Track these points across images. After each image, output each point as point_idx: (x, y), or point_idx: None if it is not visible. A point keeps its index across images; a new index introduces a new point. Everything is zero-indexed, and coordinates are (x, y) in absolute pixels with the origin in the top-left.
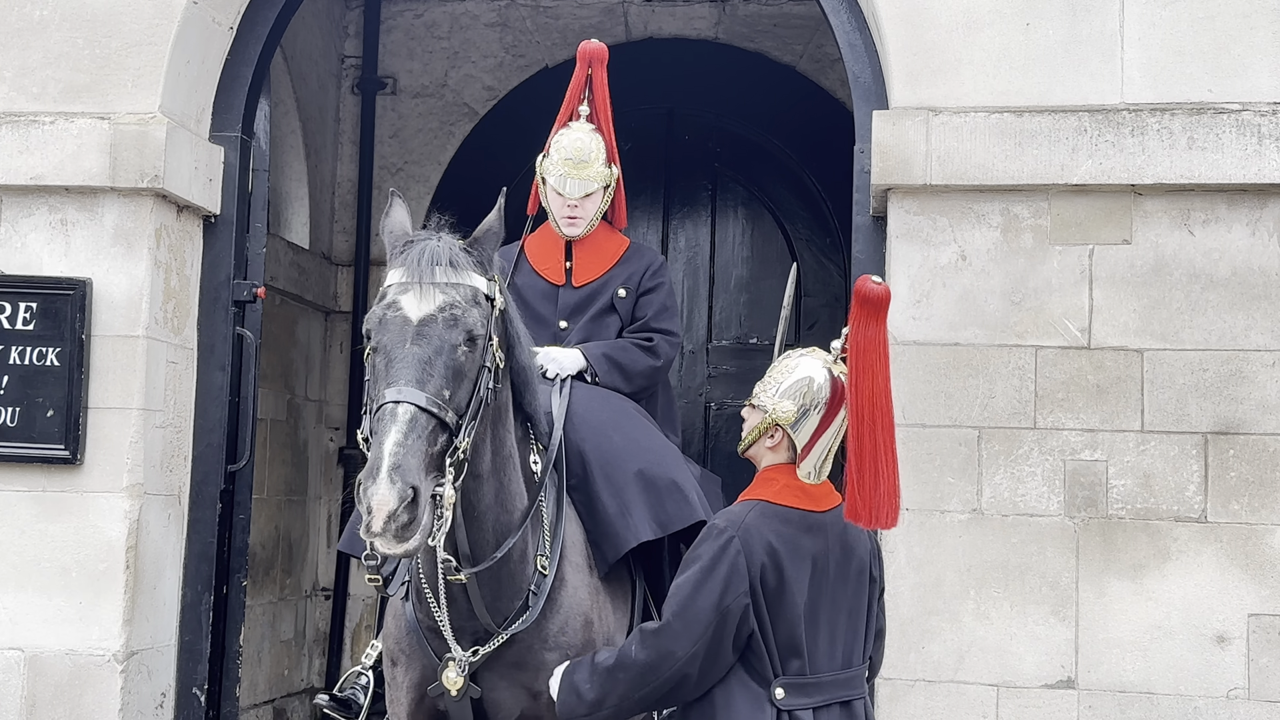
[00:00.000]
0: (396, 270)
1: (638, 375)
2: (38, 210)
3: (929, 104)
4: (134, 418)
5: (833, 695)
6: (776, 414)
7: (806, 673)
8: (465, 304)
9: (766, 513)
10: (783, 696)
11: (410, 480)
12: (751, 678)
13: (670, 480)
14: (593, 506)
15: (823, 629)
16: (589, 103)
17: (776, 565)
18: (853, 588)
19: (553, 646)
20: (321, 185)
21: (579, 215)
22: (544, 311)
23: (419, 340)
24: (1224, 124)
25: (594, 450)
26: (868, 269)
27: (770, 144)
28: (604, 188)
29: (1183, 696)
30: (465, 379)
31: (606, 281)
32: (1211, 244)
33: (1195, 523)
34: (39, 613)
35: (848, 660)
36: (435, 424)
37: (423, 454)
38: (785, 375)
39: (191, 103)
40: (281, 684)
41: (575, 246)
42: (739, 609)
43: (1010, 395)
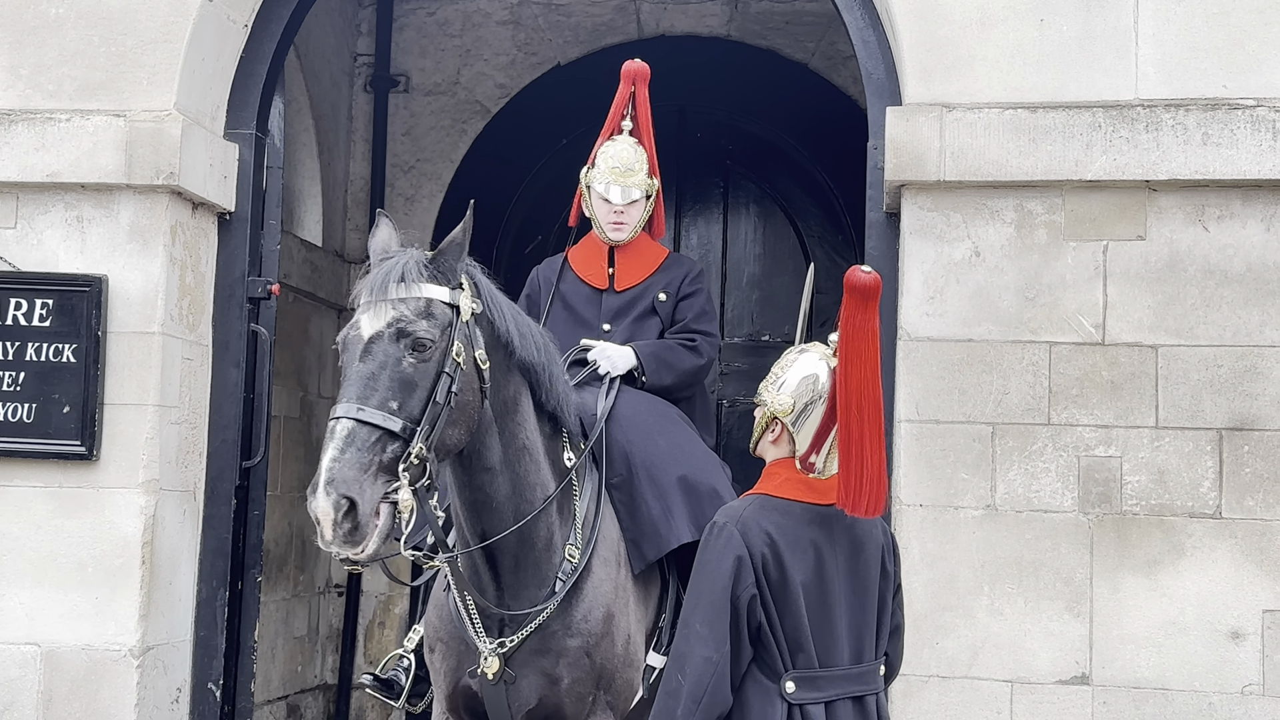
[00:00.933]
0: (362, 290)
1: (684, 373)
2: (54, 207)
3: (943, 100)
4: (150, 414)
5: (844, 690)
6: (774, 407)
7: (815, 666)
8: (414, 316)
9: (766, 505)
10: (793, 690)
11: (345, 491)
12: (762, 672)
13: (711, 487)
14: (634, 506)
15: (831, 622)
16: (632, 118)
17: (777, 556)
18: (863, 582)
19: (575, 634)
20: (334, 183)
21: (624, 221)
22: (588, 315)
23: (366, 357)
24: (1239, 120)
25: (640, 452)
26: (881, 266)
27: (782, 141)
28: (646, 197)
29: (1197, 693)
30: (416, 387)
31: (648, 287)
32: (1226, 240)
33: (1210, 519)
34: (55, 608)
35: (858, 655)
36: (379, 434)
37: (361, 465)
38: (784, 370)
39: (206, 100)
40: (295, 680)
41: (618, 253)
42: (748, 599)
43: (1024, 391)
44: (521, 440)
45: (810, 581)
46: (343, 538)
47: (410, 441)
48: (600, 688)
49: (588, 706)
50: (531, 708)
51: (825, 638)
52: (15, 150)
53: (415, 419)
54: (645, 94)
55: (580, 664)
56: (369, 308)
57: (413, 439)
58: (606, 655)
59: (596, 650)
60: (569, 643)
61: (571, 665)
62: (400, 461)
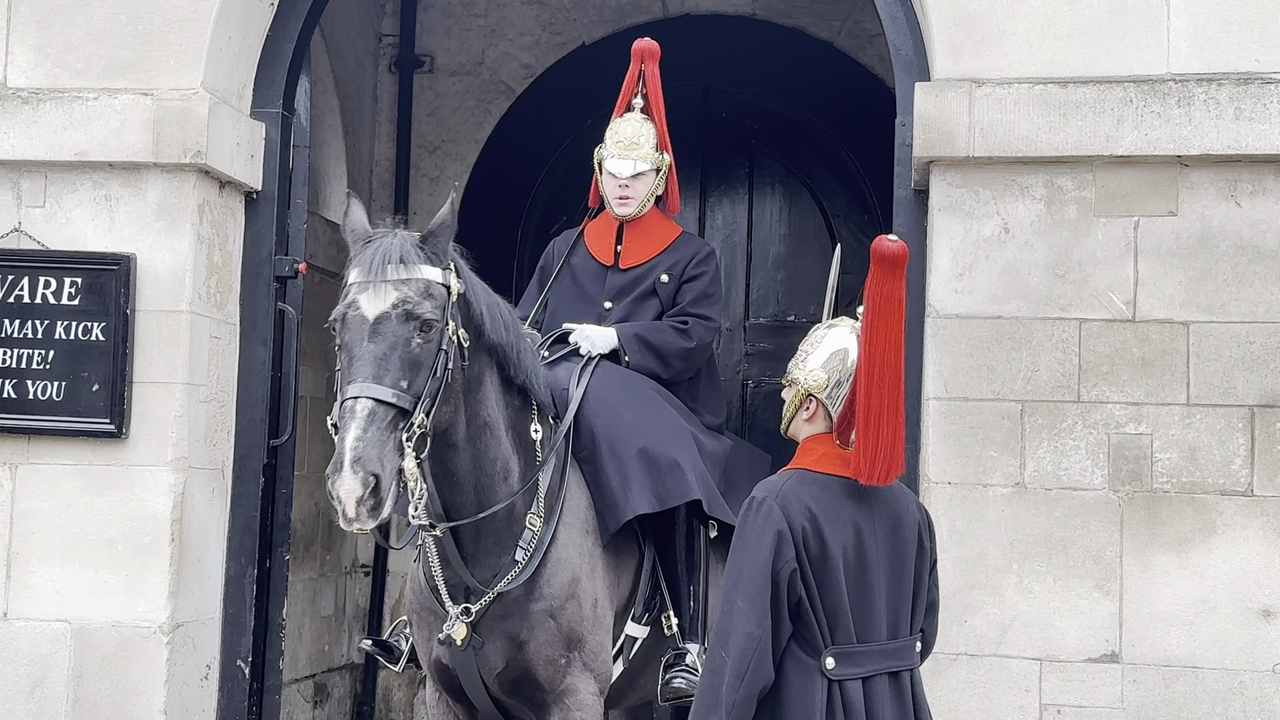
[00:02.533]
0: (355, 269)
1: (672, 356)
2: (82, 186)
3: (972, 75)
4: (178, 392)
5: (881, 665)
6: (809, 384)
7: (854, 641)
8: (418, 297)
9: (805, 480)
10: (833, 666)
11: (371, 469)
12: (802, 648)
13: (671, 459)
14: (598, 479)
15: (870, 597)
16: (643, 96)
17: (817, 530)
18: (901, 557)
19: (538, 597)
20: (359, 164)
21: (630, 195)
22: (592, 291)
23: (375, 337)
24: (1271, 94)
25: (603, 426)
26: (909, 243)
27: (808, 121)
28: (655, 170)
29: (1228, 671)
30: (422, 366)
31: (653, 266)
32: (1259, 215)
33: (1241, 496)
34: (85, 585)
35: (894, 630)
36: (394, 412)
37: (381, 442)
38: (814, 346)
39: (233, 79)
40: (322, 659)
41: (626, 230)
42: (788, 573)
43: (1054, 368)
44: (483, 417)
45: (850, 556)
46: (366, 513)
47: (412, 415)
48: (572, 649)
49: (561, 669)
50: (500, 670)
51: (864, 612)
52: (43, 129)
53: (419, 395)
54: (655, 71)
55: (545, 626)
56: (367, 288)
57: (415, 413)
58: (573, 618)
59: (562, 613)
60: (532, 606)
61: (536, 628)
62: (407, 435)
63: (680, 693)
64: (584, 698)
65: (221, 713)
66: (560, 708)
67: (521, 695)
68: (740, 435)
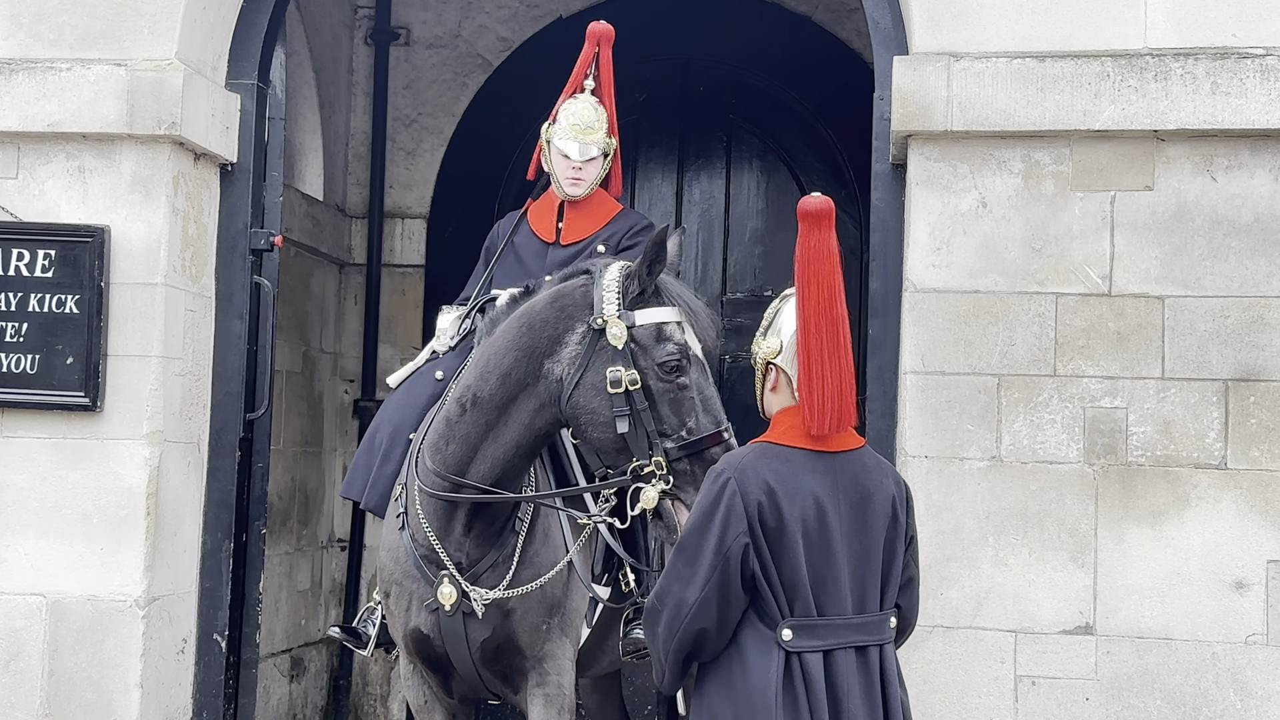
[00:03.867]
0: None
1: None
2: (55, 157)
3: (950, 49)
4: (153, 365)
5: (845, 639)
6: (764, 353)
7: (814, 613)
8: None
9: (766, 453)
10: (790, 638)
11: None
12: (760, 620)
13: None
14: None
15: (833, 570)
16: (595, 78)
17: (775, 504)
18: (869, 530)
19: (525, 564)
20: (335, 137)
21: (582, 177)
22: (534, 267)
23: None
24: (1248, 69)
25: None
26: (887, 217)
27: (786, 95)
28: (604, 155)
29: (1201, 642)
30: None
31: (590, 241)
32: (1234, 190)
33: (1215, 470)
34: (60, 559)
35: (861, 604)
36: None
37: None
38: (769, 319)
39: (208, 49)
40: (299, 634)
41: (568, 208)
42: (739, 549)
43: (1030, 343)
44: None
45: (811, 529)
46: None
47: None
48: (553, 615)
49: (542, 635)
50: (486, 637)
51: (826, 586)
52: (16, 100)
53: None
54: (609, 55)
55: (533, 594)
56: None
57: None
58: (556, 583)
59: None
60: (522, 573)
61: (524, 595)
62: None
63: (640, 644)
64: (561, 662)
65: (198, 686)
66: (538, 672)
67: (501, 662)
68: None
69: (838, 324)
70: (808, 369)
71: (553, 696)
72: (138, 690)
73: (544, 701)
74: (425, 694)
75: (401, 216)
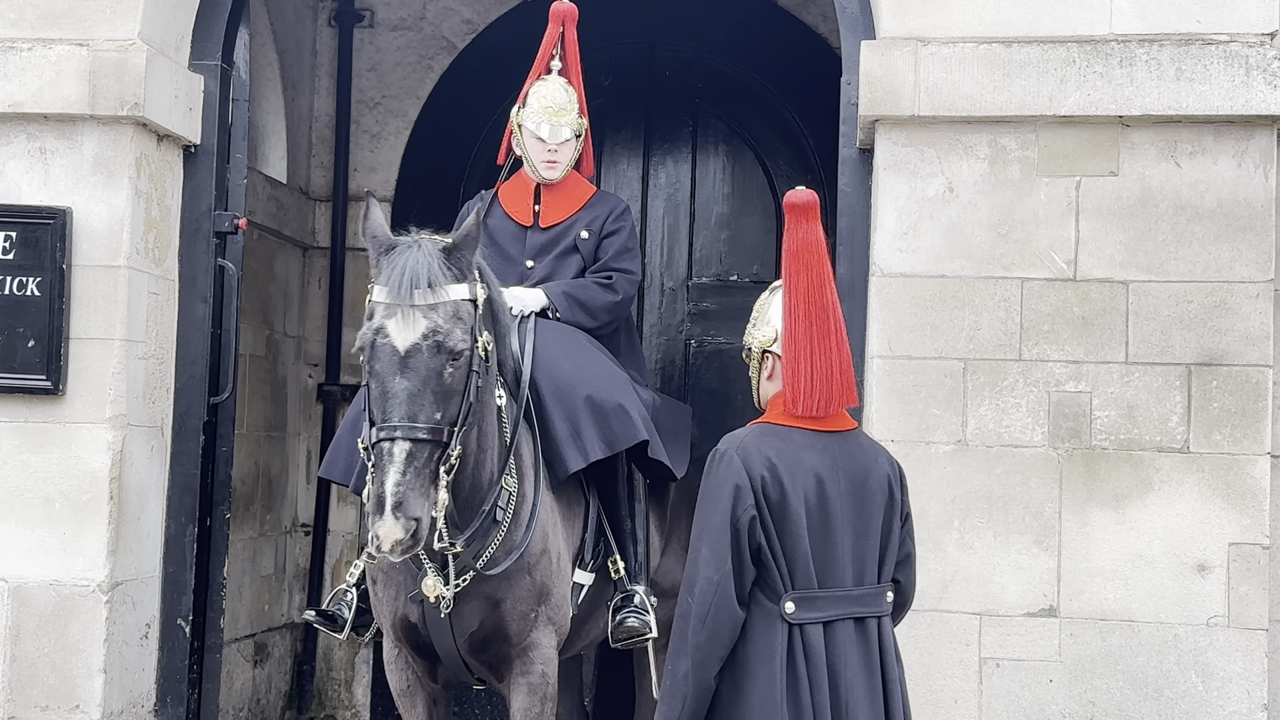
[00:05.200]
0: (381, 289)
1: (599, 310)
2: (16, 138)
3: (917, 34)
4: (116, 348)
5: (844, 610)
6: (760, 342)
7: (815, 586)
8: (448, 325)
9: (766, 431)
10: (793, 610)
11: (413, 514)
12: (764, 594)
13: (617, 404)
14: (545, 430)
15: (832, 544)
16: (561, 59)
17: (777, 479)
18: (867, 506)
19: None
20: (299, 119)
21: (557, 159)
22: (512, 251)
23: (407, 372)
24: (1212, 55)
25: (545, 378)
26: (854, 202)
27: (751, 80)
28: (576, 136)
29: (1163, 624)
30: (454, 394)
31: (571, 224)
32: (1198, 176)
33: (1178, 453)
34: (22, 544)
35: (860, 577)
36: (429, 447)
37: (421, 486)
38: (761, 310)
39: (171, 30)
40: (262, 619)
41: (544, 191)
42: (747, 520)
43: (996, 327)
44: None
45: (812, 504)
46: (403, 551)
47: (451, 445)
48: (541, 603)
49: (530, 623)
50: (474, 629)
51: (826, 559)
52: None
53: (455, 422)
54: (574, 34)
55: (521, 583)
56: (395, 312)
57: (453, 441)
58: (545, 573)
59: (536, 568)
60: (510, 565)
61: (512, 585)
62: (445, 467)
63: (634, 631)
64: (546, 651)
65: (161, 671)
66: (523, 660)
67: (489, 651)
68: (682, 395)
69: (826, 310)
70: (792, 352)
71: (536, 685)
72: (101, 675)
73: (527, 690)
74: (408, 678)
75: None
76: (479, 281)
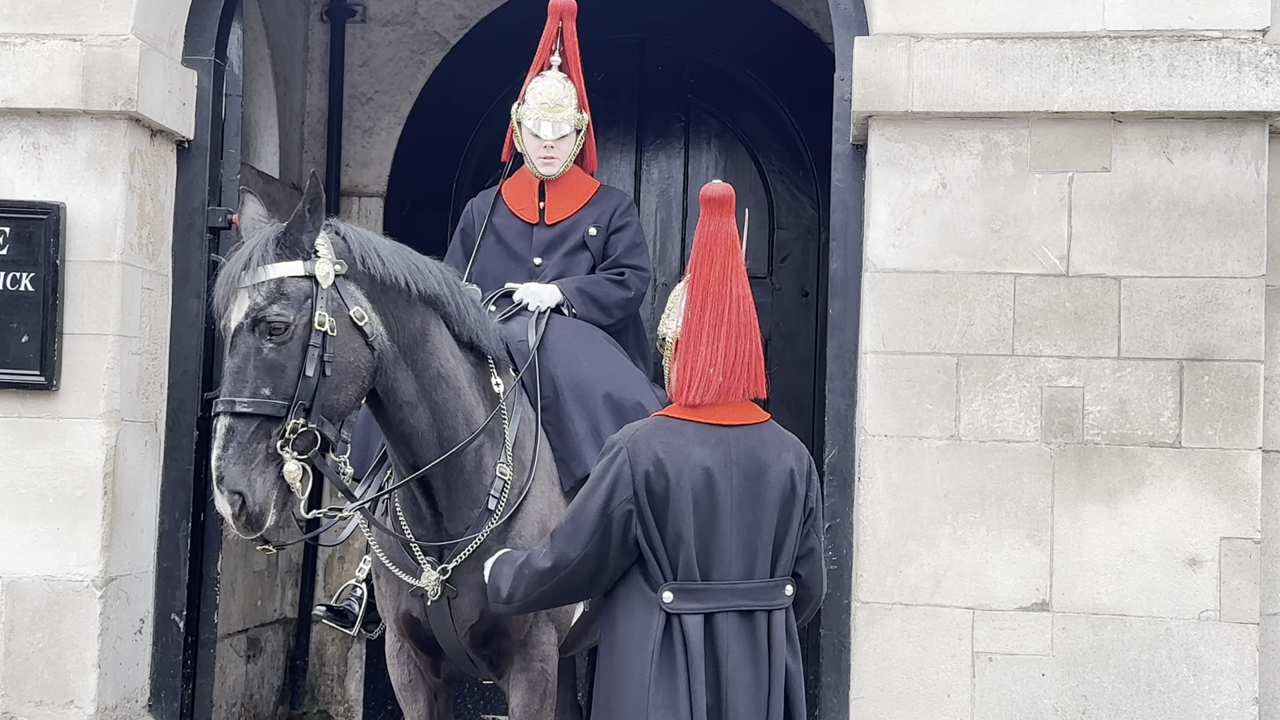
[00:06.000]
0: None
1: (613, 307)
2: (9, 133)
3: (911, 30)
4: (110, 344)
5: (728, 603)
6: (674, 333)
7: (697, 579)
8: (265, 301)
9: (661, 425)
10: (670, 600)
11: (234, 487)
12: (645, 582)
13: (636, 402)
14: (562, 426)
15: (718, 538)
16: (560, 54)
17: (662, 474)
18: (764, 502)
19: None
20: (291, 114)
21: (555, 155)
22: (519, 249)
23: (233, 351)
24: (1204, 51)
25: (565, 375)
26: (847, 198)
27: (744, 75)
28: (576, 131)
29: (1155, 618)
30: (285, 366)
31: (578, 220)
32: (1190, 171)
33: (1170, 448)
34: (16, 539)
35: (749, 571)
36: (257, 422)
37: (245, 458)
38: (674, 303)
39: (164, 25)
40: (255, 614)
41: (548, 187)
42: (622, 514)
43: (989, 323)
44: (436, 369)
45: (700, 498)
46: (244, 525)
47: (287, 417)
48: None
49: (529, 620)
50: (474, 623)
51: (710, 552)
52: None
53: (290, 396)
54: (573, 29)
55: None
56: (231, 296)
57: (289, 415)
58: None
59: None
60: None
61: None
62: (281, 440)
63: None
64: (545, 648)
65: (155, 667)
66: (522, 656)
67: (491, 646)
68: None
69: (727, 301)
70: (686, 342)
71: (535, 682)
72: (95, 671)
73: (527, 686)
74: (410, 673)
75: (358, 195)
76: (330, 258)
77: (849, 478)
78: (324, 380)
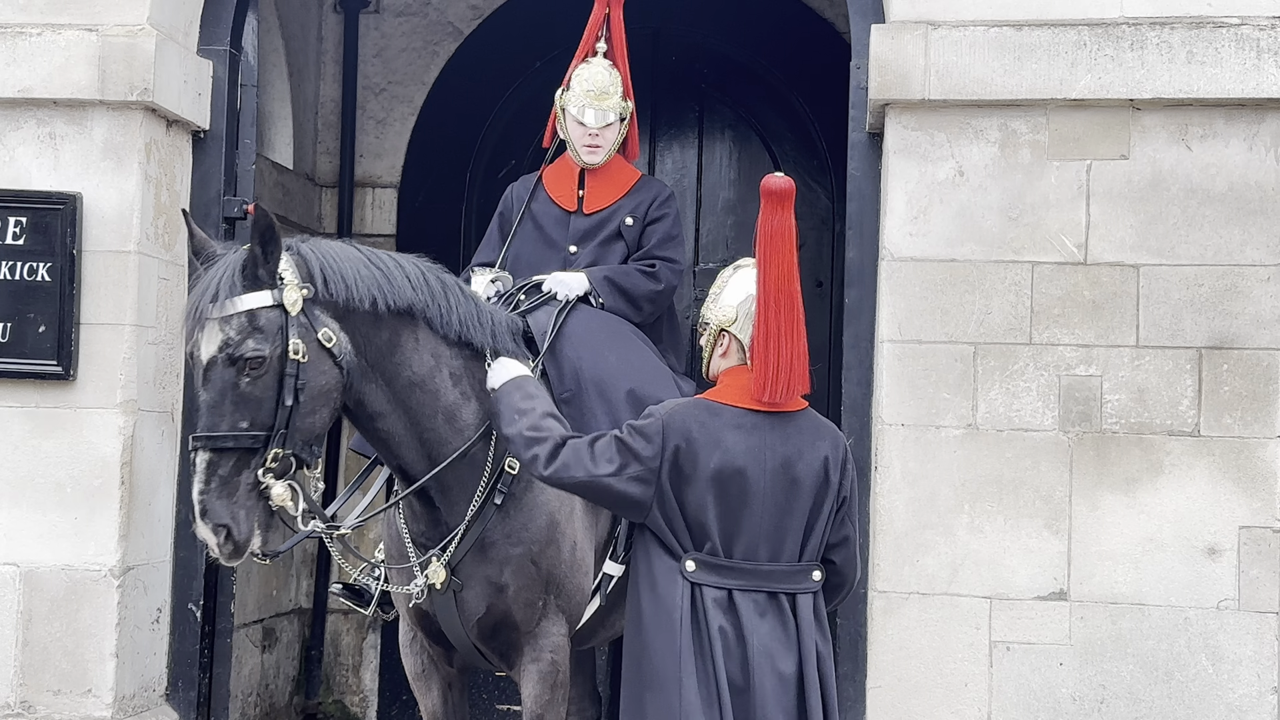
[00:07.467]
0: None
1: (641, 298)
2: (26, 123)
3: (928, 18)
4: (127, 334)
5: (752, 583)
6: (720, 320)
7: (720, 555)
8: (239, 336)
9: (698, 405)
10: (693, 570)
11: (218, 520)
12: (667, 552)
13: (659, 399)
14: (584, 420)
15: (750, 520)
16: (607, 40)
17: (692, 452)
18: (796, 488)
19: (518, 542)
20: (305, 105)
21: (599, 144)
22: (556, 236)
23: (206, 385)
24: (1223, 38)
25: (589, 368)
26: (864, 186)
27: (758, 65)
28: (621, 119)
29: (1173, 607)
30: (262, 398)
31: (615, 210)
32: (1209, 159)
33: (1188, 436)
34: (34, 528)
35: (776, 554)
36: (237, 455)
37: (227, 491)
38: (722, 288)
39: (179, 15)
40: (270, 604)
41: (588, 175)
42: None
43: (1006, 311)
44: (407, 376)
45: (727, 479)
46: (228, 555)
47: (267, 448)
48: (550, 593)
49: (538, 612)
50: (481, 615)
51: (736, 532)
52: None
53: (269, 426)
54: (620, 16)
55: (526, 571)
56: (198, 329)
57: (269, 445)
58: (553, 561)
59: (542, 557)
60: (512, 551)
61: (516, 572)
62: (262, 469)
63: None
64: (555, 640)
65: (173, 656)
66: (532, 648)
67: (499, 638)
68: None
69: (793, 300)
70: (764, 342)
71: (546, 673)
72: (113, 660)
73: (538, 676)
74: (423, 662)
75: (372, 186)
76: (295, 283)
77: (865, 467)
78: (298, 406)
